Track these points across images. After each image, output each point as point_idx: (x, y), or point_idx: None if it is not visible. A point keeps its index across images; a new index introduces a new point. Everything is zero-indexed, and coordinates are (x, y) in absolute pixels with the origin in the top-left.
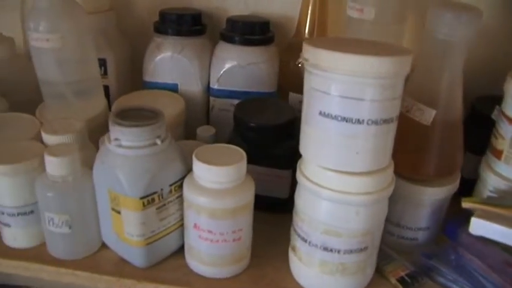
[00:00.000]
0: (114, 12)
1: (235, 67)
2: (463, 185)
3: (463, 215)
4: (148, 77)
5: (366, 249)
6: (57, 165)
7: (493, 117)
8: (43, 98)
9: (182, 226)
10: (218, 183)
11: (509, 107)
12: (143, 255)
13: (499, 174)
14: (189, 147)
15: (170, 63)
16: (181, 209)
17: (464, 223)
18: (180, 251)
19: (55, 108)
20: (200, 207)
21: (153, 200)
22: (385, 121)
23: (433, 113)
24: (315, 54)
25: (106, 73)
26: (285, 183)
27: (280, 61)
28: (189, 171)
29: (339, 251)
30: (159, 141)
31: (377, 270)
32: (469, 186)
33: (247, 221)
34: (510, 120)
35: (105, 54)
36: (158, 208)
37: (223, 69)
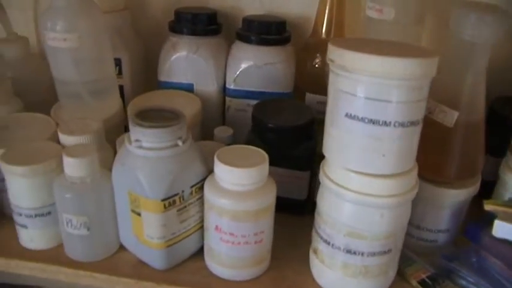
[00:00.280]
0: (129, 11)
1: (252, 67)
2: (482, 186)
3: (485, 217)
4: (163, 77)
5: (390, 251)
6: (76, 166)
7: None
8: (58, 97)
9: (202, 228)
10: (241, 185)
11: None
12: (163, 258)
13: None
14: (208, 148)
15: (186, 63)
16: (202, 211)
17: (486, 225)
18: (199, 252)
19: (70, 108)
20: (222, 209)
21: (174, 202)
22: (412, 123)
23: (456, 114)
24: (342, 56)
25: (121, 73)
26: (303, 185)
27: (297, 61)
28: (209, 172)
29: (363, 254)
30: (180, 143)
31: (398, 273)
32: (488, 188)
33: (269, 223)
34: None
35: (120, 53)
36: (179, 210)
37: (240, 69)
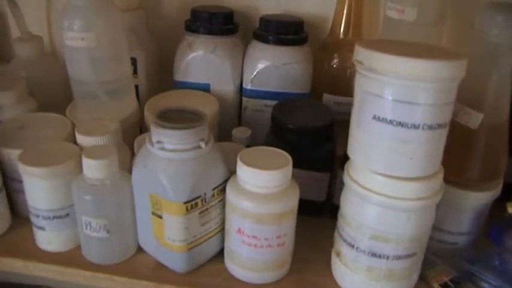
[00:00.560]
0: (143, 10)
1: (270, 67)
2: (504, 189)
3: (508, 220)
4: (179, 77)
5: (414, 255)
6: (96, 168)
7: None
8: (74, 97)
9: (222, 230)
10: (265, 187)
11: None
12: (184, 261)
13: None
14: (227, 149)
15: (202, 62)
16: (223, 213)
17: (509, 228)
18: (219, 255)
19: (86, 108)
20: (245, 212)
21: (196, 204)
22: (440, 126)
23: (481, 117)
24: (371, 57)
25: (136, 72)
26: (322, 186)
27: (314, 61)
28: (230, 174)
29: (388, 257)
30: (203, 144)
31: (420, 276)
32: (510, 190)
33: (291, 225)
34: None
35: (135, 53)
36: (201, 213)
37: (257, 70)
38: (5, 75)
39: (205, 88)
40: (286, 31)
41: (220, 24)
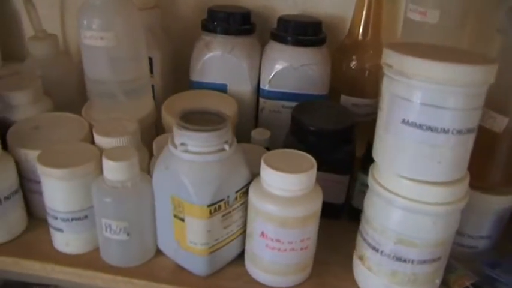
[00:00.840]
0: (159, 9)
1: (288, 68)
2: None
3: None
4: (195, 77)
5: (439, 259)
6: (117, 169)
7: None
8: (90, 97)
9: (244, 233)
10: (290, 191)
11: None
12: (206, 264)
13: None
14: (247, 151)
15: (220, 62)
16: (244, 216)
17: None
18: (238, 258)
19: (103, 108)
20: (269, 215)
21: (220, 207)
22: (469, 130)
23: (506, 121)
24: (401, 61)
25: (152, 72)
26: (341, 189)
27: (332, 62)
28: (253, 176)
29: (413, 261)
30: (227, 147)
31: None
32: None
33: (315, 229)
34: None
35: (152, 52)
36: (224, 216)
37: (276, 70)
38: (20, 74)
39: (222, 88)
40: (304, 32)
41: (238, 24)
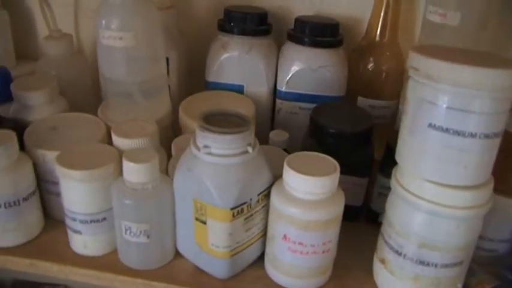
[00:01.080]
0: (175, 9)
1: (305, 70)
2: None
3: None
4: (211, 77)
5: (461, 263)
6: (139, 172)
7: None
8: (107, 97)
9: (264, 236)
10: (314, 194)
11: None
12: (226, 267)
13: None
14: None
15: (237, 63)
16: (265, 219)
17: None
18: (257, 260)
19: (120, 108)
20: (292, 218)
21: (242, 210)
22: (496, 135)
23: None
24: (428, 65)
25: (167, 72)
26: (360, 191)
27: (348, 64)
28: (275, 179)
29: (436, 265)
30: (250, 149)
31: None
32: None
33: (337, 232)
34: None
35: (168, 52)
36: (246, 218)
37: (293, 72)
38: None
39: (239, 89)
40: (322, 33)
41: (255, 25)
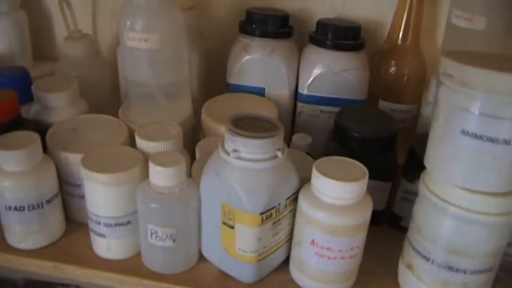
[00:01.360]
0: (196, 10)
1: (327, 73)
2: None
3: None
4: (233, 80)
5: (490, 270)
6: (166, 175)
7: None
8: (128, 98)
9: (289, 240)
10: (342, 199)
11: None
12: (253, 272)
13: None
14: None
15: (258, 65)
16: (292, 223)
17: None
18: (282, 265)
19: (142, 110)
20: (320, 223)
21: (271, 215)
22: None
23: None
24: (463, 71)
25: None
26: (383, 196)
27: (370, 67)
28: (302, 183)
29: (465, 272)
30: (279, 154)
31: None
32: None
33: (364, 237)
34: None
35: (189, 54)
36: (274, 223)
37: (315, 75)
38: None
39: (261, 92)
40: (344, 36)
41: (277, 27)
